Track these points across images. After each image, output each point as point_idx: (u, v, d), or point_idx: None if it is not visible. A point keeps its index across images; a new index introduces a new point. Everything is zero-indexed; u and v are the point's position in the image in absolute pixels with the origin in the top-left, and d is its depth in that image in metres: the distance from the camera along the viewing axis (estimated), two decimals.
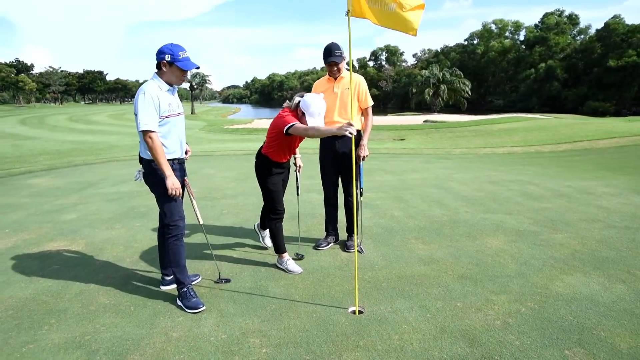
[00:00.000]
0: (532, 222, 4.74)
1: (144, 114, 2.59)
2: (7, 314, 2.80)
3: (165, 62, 2.68)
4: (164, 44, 2.77)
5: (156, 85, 2.70)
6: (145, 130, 2.60)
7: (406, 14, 2.64)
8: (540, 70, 61.37)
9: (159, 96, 2.66)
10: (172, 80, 2.77)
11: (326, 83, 3.79)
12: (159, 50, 2.73)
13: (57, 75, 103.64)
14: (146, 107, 2.59)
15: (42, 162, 11.15)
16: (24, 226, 4.84)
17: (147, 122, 2.59)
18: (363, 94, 3.75)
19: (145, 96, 2.61)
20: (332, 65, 3.62)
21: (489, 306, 2.83)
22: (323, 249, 3.97)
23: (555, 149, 11.97)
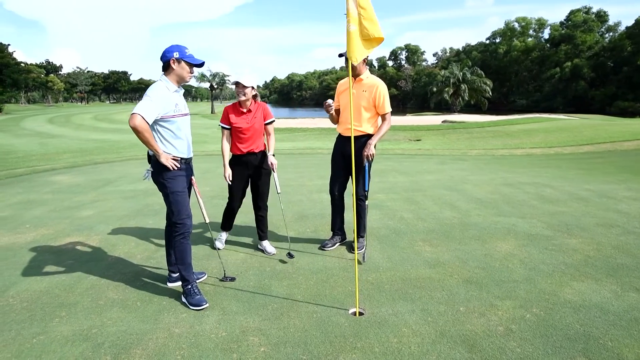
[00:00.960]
0: (545, 226, 4.62)
1: (145, 104, 2.62)
2: (22, 305, 2.93)
3: (174, 59, 2.76)
4: (166, 47, 2.84)
5: (164, 86, 2.78)
6: (136, 113, 2.56)
7: (360, 41, 2.73)
8: (565, 69, 59.53)
9: (166, 96, 2.74)
10: (182, 77, 2.82)
11: (347, 82, 3.72)
12: (165, 51, 2.80)
13: (84, 75, 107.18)
14: (151, 100, 2.65)
15: (65, 159, 11.56)
16: (43, 222, 5.04)
17: (144, 110, 2.59)
18: (380, 99, 3.61)
19: (153, 92, 2.68)
20: (346, 61, 3.47)
21: (492, 311, 2.79)
22: (328, 249, 3.97)
23: (576, 151, 11.59)
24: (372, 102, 3.60)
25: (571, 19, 62.93)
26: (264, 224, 3.95)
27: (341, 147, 3.79)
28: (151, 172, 2.89)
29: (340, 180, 3.91)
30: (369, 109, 3.63)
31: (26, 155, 13.14)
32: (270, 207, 4.08)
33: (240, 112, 3.61)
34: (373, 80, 3.65)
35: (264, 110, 3.71)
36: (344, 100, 3.75)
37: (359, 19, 2.70)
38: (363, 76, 3.63)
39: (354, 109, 3.62)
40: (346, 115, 3.72)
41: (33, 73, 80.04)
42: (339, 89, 3.84)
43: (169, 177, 2.81)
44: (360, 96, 3.61)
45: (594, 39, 60.06)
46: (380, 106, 3.64)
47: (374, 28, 2.71)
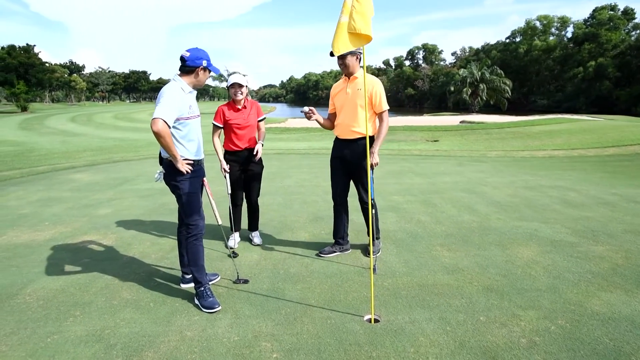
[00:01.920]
0: (570, 232, 4.44)
1: (164, 107, 2.60)
2: (38, 304, 2.95)
3: (202, 68, 2.76)
4: (192, 50, 2.79)
5: (179, 87, 2.75)
6: (159, 118, 2.55)
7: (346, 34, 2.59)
8: (589, 68, 57.69)
9: (182, 98, 2.71)
10: (201, 83, 2.85)
11: (341, 84, 3.65)
12: (194, 57, 2.75)
13: (105, 75, 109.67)
14: (168, 101, 2.63)
15: (85, 158, 11.81)
16: (62, 219, 5.11)
17: (164, 113, 2.57)
18: (377, 97, 3.51)
19: (170, 94, 2.66)
20: (338, 59, 3.43)
21: (514, 322, 2.67)
22: (325, 256, 3.80)
23: (601, 153, 11.17)
24: (368, 100, 3.47)
25: (595, 16, 61.00)
26: (255, 216, 4.19)
27: (340, 151, 3.67)
28: (163, 173, 2.86)
29: (341, 185, 3.77)
30: (365, 108, 3.46)
31: (48, 153, 13.47)
32: (284, 208, 4.03)
33: (237, 109, 3.85)
34: (368, 78, 3.48)
35: (257, 107, 3.99)
36: (339, 101, 3.63)
37: (351, 10, 2.59)
38: (357, 75, 3.52)
39: (352, 108, 3.52)
40: (343, 117, 3.58)
41: (57, 73, 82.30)
42: (334, 91, 3.72)
43: (182, 179, 2.79)
44: (355, 95, 3.49)
45: (620, 37, 58.05)
46: (378, 104, 3.52)
47: (363, 24, 2.54)
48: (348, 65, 3.45)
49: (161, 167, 2.91)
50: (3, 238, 4.42)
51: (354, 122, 3.51)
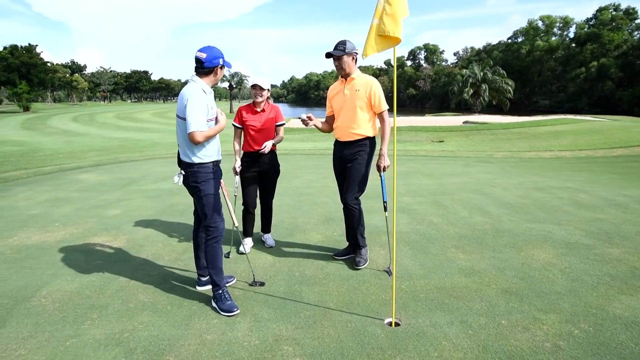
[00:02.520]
0: (584, 234, 4.40)
1: (197, 116, 2.62)
2: (55, 306, 2.92)
3: (220, 67, 2.74)
4: (207, 51, 2.75)
5: (200, 89, 2.72)
6: (196, 132, 2.62)
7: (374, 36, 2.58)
8: (591, 69, 57.64)
9: (205, 100, 2.70)
10: (217, 82, 2.84)
11: (338, 85, 3.56)
12: (211, 56, 2.72)
13: (107, 75, 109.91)
14: (198, 110, 2.63)
15: (90, 158, 11.79)
16: (72, 220, 5.09)
17: (199, 124, 2.63)
18: (376, 98, 3.40)
19: (197, 100, 2.64)
20: (334, 60, 3.37)
21: (537, 326, 2.64)
22: (339, 258, 3.78)
23: (609, 154, 11.13)
24: (367, 101, 3.40)
25: (598, 16, 60.89)
26: (268, 218, 4.17)
27: (339, 153, 3.60)
28: (182, 175, 2.83)
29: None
30: (365, 109, 3.42)
31: (53, 154, 13.47)
32: (294, 209, 4.00)
33: (255, 112, 3.81)
34: (365, 78, 3.45)
35: (277, 112, 3.93)
36: (337, 103, 3.54)
37: (382, 13, 2.56)
38: (354, 75, 3.43)
39: (350, 110, 3.43)
40: (342, 119, 3.50)
41: (59, 73, 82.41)
42: (331, 93, 3.64)
43: (202, 181, 2.76)
44: (353, 96, 3.41)
45: (623, 38, 57.95)
46: (377, 105, 3.42)
47: (393, 26, 2.51)
48: (344, 67, 3.36)
49: (180, 168, 2.87)
50: (14, 239, 4.40)
51: (353, 123, 3.43)
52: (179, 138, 2.83)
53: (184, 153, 2.81)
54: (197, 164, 2.77)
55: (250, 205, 3.98)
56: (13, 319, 2.75)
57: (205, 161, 2.79)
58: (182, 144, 2.81)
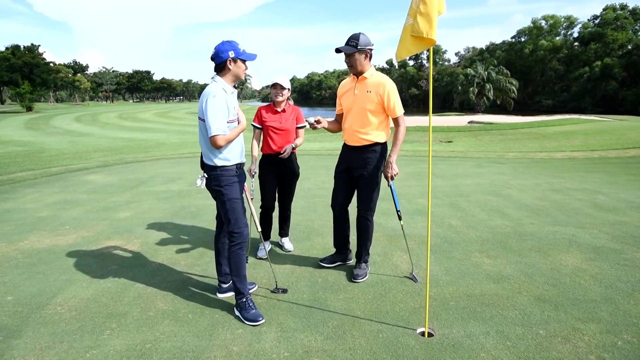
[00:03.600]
0: (610, 238, 4.27)
1: (216, 119, 2.52)
2: (71, 314, 2.81)
3: (230, 60, 2.59)
4: (217, 46, 2.63)
5: (221, 88, 2.60)
6: (217, 135, 2.52)
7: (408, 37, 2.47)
8: (595, 68, 57.27)
9: (226, 100, 2.57)
10: (238, 76, 2.69)
11: (350, 83, 3.25)
12: (218, 50, 2.61)
13: (109, 75, 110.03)
14: (218, 112, 2.52)
15: (96, 158, 11.69)
16: (82, 223, 4.98)
17: (219, 127, 2.53)
18: (390, 101, 3.08)
19: (216, 100, 2.52)
20: (345, 57, 3.07)
21: (577, 336, 2.51)
22: (326, 265, 3.56)
23: (622, 155, 10.96)
24: (379, 103, 3.08)
25: (602, 16, 60.55)
26: (286, 222, 4.05)
27: (346, 158, 3.33)
28: (205, 178, 2.71)
29: (342, 194, 3.43)
30: (377, 113, 3.11)
31: (59, 154, 13.37)
32: (309, 211, 3.88)
33: (275, 112, 3.66)
34: (379, 78, 3.11)
35: (298, 113, 3.76)
36: (346, 102, 3.25)
37: (415, 12, 2.43)
38: (367, 74, 3.10)
39: (360, 111, 3.13)
40: (350, 121, 3.20)
41: (61, 73, 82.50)
42: (341, 90, 3.34)
43: (226, 184, 2.64)
44: (364, 98, 3.10)
45: (627, 37, 57.63)
46: (391, 109, 3.10)
47: (427, 27, 2.36)
48: (355, 65, 3.05)
49: (203, 171, 2.75)
50: (25, 243, 4.29)
51: (361, 127, 3.14)
52: (201, 140, 2.71)
53: (206, 156, 2.69)
54: (220, 166, 2.65)
55: (269, 209, 3.85)
56: (29, 328, 2.64)
57: (228, 164, 2.67)
58: (204, 146, 2.69)
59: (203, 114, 2.56)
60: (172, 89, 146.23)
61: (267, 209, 3.87)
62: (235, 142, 2.72)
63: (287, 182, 3.84)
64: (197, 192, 6.65)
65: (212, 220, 5.02)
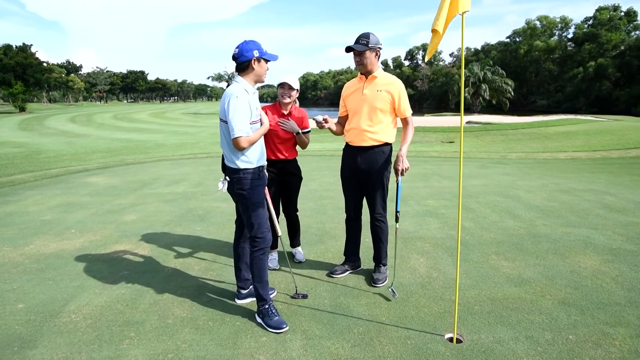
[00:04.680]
0: (624, 239, 4.25)
1: (239, 120, 2.44)
2: (87, 323, 2.72)
3: (255, 59, 2.52)
4: (240, 45, 2.57)
5: (243, 89, 2.53)
6: (240, 137, 2.45)
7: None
8: (589, 69, 57.80)
9: (248, 100, 2.50)
10: (261, 76, 2.62)
11: (357, 83, 3.19)
12: (243, 50, 2.54)
13: (103, 75, 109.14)
14: (240, 113, 2.44)
15: (96, 160, 11.54)
16: (88, 227, 4.88)
17: (242, 128, 2.45)
18: (401, 101, 3.07)
19: (239, 101, 2.44)
20: (354, 55, 3.01)
21: (607, 341, 2.47)
22: (337, 277, 3.41)
23: (625, 155, 11.02)
24: (390, 103, 3.06)
25: (596, 16, 61.09)
26: (297, 231, 3.84)
27: (352, 160, 3.22)
28: (227, 182, 2.64)
29: (354, 199, 3.36)
30: (386, 112, 3.08)
31: (57, 155, 13.18)
32: (318, 214, 3.81)
33: (281, 114, 3.41)
34: (388, 78, 3.09)
35: (304, 117, 3.50)
36: (353, 103, 3.17)
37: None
38: (376, 74, 3.06)
39: (370, 111, 3.08)
40: (358, 121, 3.11)
41: (55, 73, 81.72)
42: (346, 91, 3.26)
43: (249, 188, 2.57)
44: (374, 97, 3.05)
45: (620, 38, 58.19)
46: (402, 109, 3.09)
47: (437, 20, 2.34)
48: (366, 63, 3.00)
49: (225, 175, 2.68)
50: (30, 247, 4.18)
51: (370, 127, 3.08)
52: (222, 142, 2.64)
53: (228, 158, 2.61)
54: (243, 169, 2.58)
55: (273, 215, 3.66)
56: (44, 338, 2.55)
57: (251, 166, 2.59)
58: (226, 148, 2.62)
59: (225, 116, 2.48)
60: (167, 89, 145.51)
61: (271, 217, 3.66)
62: (257, 144, 2.64)
63: (290, 188, 3.62)
64: (203, 194, 6.56)
65: (220, 223, 4.96)
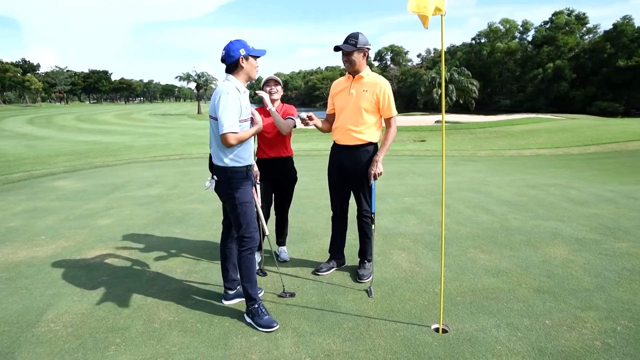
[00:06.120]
0: (589, 230, 4.53)
1: (229, 116, 2.43)
2: (67, 331, 2.62)
3: (242, 57, 2.53)
4: (226, 46, 2.60)
5: (234, 87, 2.53)
6: (229, 133, 2.43)
7: None
8: (548, 70, 60.89)
9: (239, 98, 2.50)
10: (251, 74, 2.62)
11: (344, 82, 3.22)
12: (229, 49, 2.56)
13: (63, 74, 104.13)
14: (230, 109, 2.44)
15: (61, 163, 11.01)
16: (59, 232, 4.68)
17: (231, 124, 2.44)
18: (386, 101, 3.10)
19: (230, 97, 2.44)
20: (342, 55, 3.04)
21: (580, 324, 2.64)
22: (323, 274, 3.45)
23: (584, 151, 11.71)
24: (374, 103, 3.09)
25: (553, 20, 64.39)
26: (284, 230, 3.85)
27: (338, 158, 3.29)
28: (215, 181, 2.61)
29: (341, 198, 3.41)
30: (371, 112, 3.11)
31: (17, 159, 12.48)
32: (299, 213, 3.84)
33: (267, 113, 3.38)
34: (375, 78, 3.13)
35: (291, 113, 3.48)
36: (340, 101, 3.22)
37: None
38: (363, 74, 3.10)
39: (356, 111, 3.12)
40: (344, 120, 3.17)
41: (9, 72, 77.24)
42: (334, 90, 3.30)
43: (238, 187, 2.56)
44: (360, 96, 3.08)
45: (575, 41, 61.64)
46: (386, 108, 3.12)
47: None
48: (354, 62, 3.02)
49: (212, 174, 2.65)
50: None
51: (356, 127, 3.12)
52: (211, 139, 2.62)
53: (216, 156, 2.59)
54: (231, 167, 2.56)
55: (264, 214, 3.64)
56: (22, 350, 2.44)
57: (239, 165, 2.58)
58: (214, 146, 2.59)
59: (215, 112, 2.47)
60: (132, 89, 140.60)
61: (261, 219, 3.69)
62: (247, 143, 2.64)
63: (285, 187, 3.66)
64: (179, 197, 6.43)
65: (200, 225, 4.89)
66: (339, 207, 3.46)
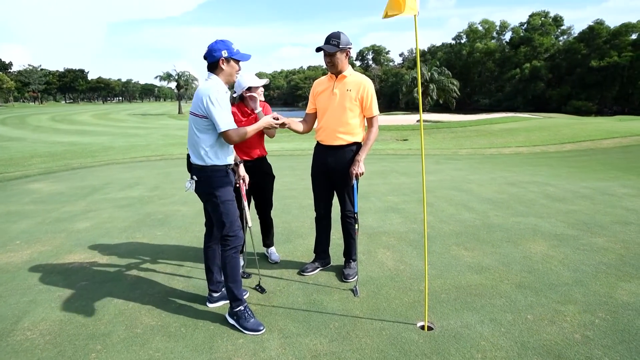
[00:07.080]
0: (566, 226, 4.66)
1: (225, 113, 2.42)
2: (45, 339, 2.53)
3: (223, 59, 2.48)
4: (210, 45, 2.57)
5: (221, 83, 2.50)
6: (228, 131, 2.44)
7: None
8: (525, 70, 62.52)
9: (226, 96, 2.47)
10: (231, 77, 2.59)
11: (326, 82, 3.20)
12: (211, 49, 2.52)
13: (37, 73, 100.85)
14: (222, 107, 2.42)
15: (36, 165, 10.65)
16: (35, 237, 4.52)
17: (229, 122, 2.44)
18: (368, 100, 3.10)
19: (221, 95, 2.42)
20: (325, 56, 3.02)
21: (560, 318, 2.71)
22: (308, 274, 3.44)
23: (560, 149, 12.06)
24: (358, 103, 3.09)
25: (530, 21, 66.14)
26: (270, 231, 3.80)
27: (322, 158, 3.27)
28: (195, 182, 2.56)
29: (324, 198, 3.40)
30: (355, 112, 3.10)
31: None
32: (283, 213, 3.83)
33: (247, 114, 3.34)
34: (358, 77, 3.12)
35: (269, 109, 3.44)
36: (322, 102, 3.18)
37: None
38: (346, 73, 3.08)
39: (340, 111, 3.10)
40: (328, 120, 3.15)
41: None
42: (316, 89, 3.26)
43: (218, 186, 2.52)
44: (344, 96, 3.07)
45: (551, 42, 63.45)
46: (368, 108, 3.12)
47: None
48: (336, 64, 3.01)
49: (191, 174, 2.59)
50: None
51: (340, 127, 3.11)
52: (191, 137, 2.56)
53: (196, 155, 2.53)
54: (210, 166, 2.52)
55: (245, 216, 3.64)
56: None
57: (219, 163, 2.54)
58: (193, 145, 2.54)
59: (198, 109, 2.43)
60: (110, 89, 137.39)
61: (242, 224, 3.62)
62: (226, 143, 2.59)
63: (265, 189, 3.59)
64: (160, 198, 6.30)
65: (182, 227, 4.80)
66: (323, 207, 3.44)
